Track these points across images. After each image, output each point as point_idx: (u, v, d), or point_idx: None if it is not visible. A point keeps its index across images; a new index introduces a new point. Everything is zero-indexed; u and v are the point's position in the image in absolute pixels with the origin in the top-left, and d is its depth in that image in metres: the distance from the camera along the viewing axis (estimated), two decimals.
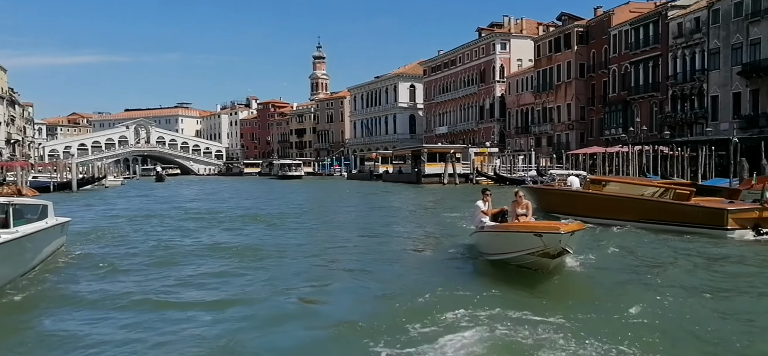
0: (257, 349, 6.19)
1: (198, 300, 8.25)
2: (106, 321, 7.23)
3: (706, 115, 43.10)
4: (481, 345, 5.92)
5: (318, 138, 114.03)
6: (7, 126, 76.60)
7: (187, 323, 7.09)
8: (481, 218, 11.01)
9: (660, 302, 7.53)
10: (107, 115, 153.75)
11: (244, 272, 10.17)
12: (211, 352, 6.04)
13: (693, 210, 14.33)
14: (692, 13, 45.14)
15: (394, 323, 6.66)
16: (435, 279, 9.10)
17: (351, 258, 11.92)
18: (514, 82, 67.47)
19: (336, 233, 16.62)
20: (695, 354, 5.95)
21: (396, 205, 28.12)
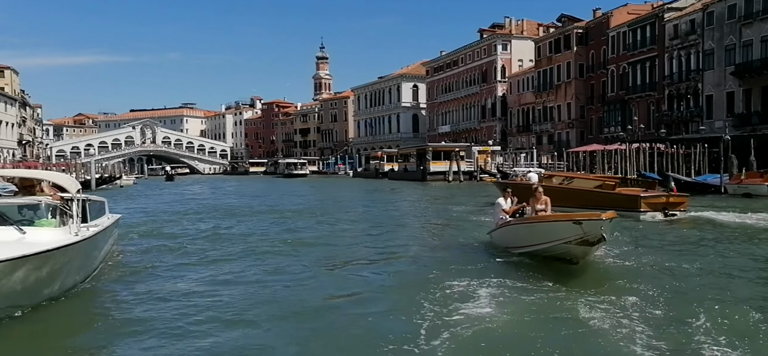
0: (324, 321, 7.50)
1: (265, 299, 8.42)
2: (186, 316, 7.34)
3: (700, 113, 44.72)
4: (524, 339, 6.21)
5: (322, 137, 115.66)
6: (19, 127, 78.24)
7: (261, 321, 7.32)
8: (502, 215, 11.44)
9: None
10: (112, 115, 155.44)
11: (290, 262, 11.02)
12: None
13: (617, 197, 17.98)
14: (687, 15, 46.75)
15: (426, 314, 6.98)
16: (463, 274, 9.28)
17: (382, 249, 12.87)
18: (516, 81, 69.07)
19: (359, 226, 18.27)
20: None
21: (407, 201, 29.70)
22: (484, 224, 16.66)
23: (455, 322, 6.73)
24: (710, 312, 6.95)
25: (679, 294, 8.14)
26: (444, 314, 7.00)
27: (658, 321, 6.77)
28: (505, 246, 11.06)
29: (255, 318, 7.24)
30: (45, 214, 8.20)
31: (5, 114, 71.79)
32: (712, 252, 11.69)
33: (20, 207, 8.20)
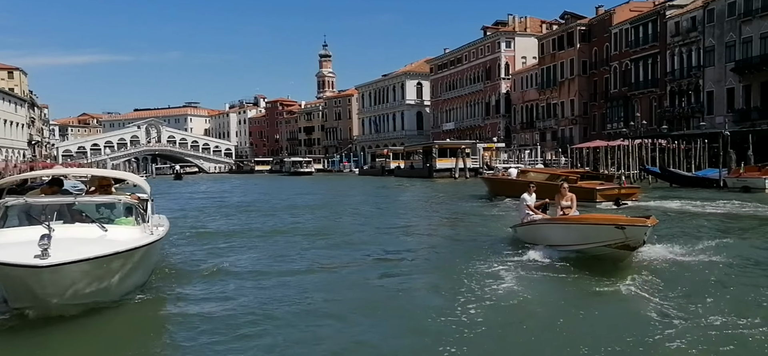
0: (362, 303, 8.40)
1: (301, 269, 9.92)
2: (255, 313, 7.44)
3: (701, 109, 45.60)
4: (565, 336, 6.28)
5: (326, 135, 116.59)
6: (28, 128, 79.32)
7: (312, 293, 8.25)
8: (528, 211, 11.53)
9: None
10: (117, 115, 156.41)
11: (332, 254, 11.60)
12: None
13: (578, 189, 19.42)
14: (689, 12, 47.59)
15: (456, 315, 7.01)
16: (494, 269, 9.39)
17: (411, 243, 13.40)
18: (519, 78, 69.94)
19: (382, 220, 19.21)
20: None
21: (418, 197, 30.65)
22: (499, 218, 17.63)
23: (494, 314, 6.97)
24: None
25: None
26: (485, 311, 7.15)
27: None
28: (533, 242, 10.80)
29: (316, 307, 7.65)
30: (122, 213, 8.39)
31: (15, 115, 72.86)
32: None
33: (98, 206, 8.45)
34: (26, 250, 6.31)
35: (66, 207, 8.01)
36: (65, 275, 6.25)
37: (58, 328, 6.51)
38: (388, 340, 6.34)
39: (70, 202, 8.16)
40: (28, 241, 6.80)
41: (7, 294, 6.98)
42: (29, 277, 6.15)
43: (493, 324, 6.67)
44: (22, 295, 6.53)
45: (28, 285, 6.25)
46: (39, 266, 5.97)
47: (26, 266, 6.03)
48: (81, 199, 8.42)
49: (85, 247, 6.59)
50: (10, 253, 6.34)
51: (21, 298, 6.64)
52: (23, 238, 7.09)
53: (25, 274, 6.12)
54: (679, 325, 6.37)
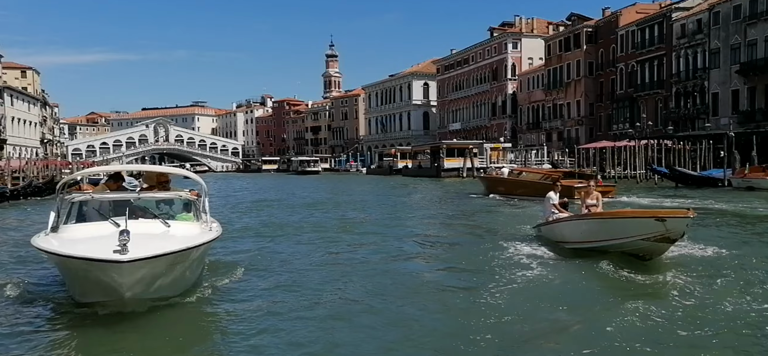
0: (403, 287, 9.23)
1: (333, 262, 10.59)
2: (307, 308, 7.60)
3: (707, 110, 46.25)
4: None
5: (333, 135, 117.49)
6: (40, 126, 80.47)
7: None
8: (554, 210, 11.57)
9: None
10: (124, 114, 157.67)
11: (363, 249, 12.03)
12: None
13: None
14: (694, 15, 48.25)
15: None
16: (523, 268, 9.48)
17: (434, 240, 13.65)
18: (526, 79, 70.64)
19: (399, 213, 20.05)
20: None
21: (431, 196, 31.34)
22: (514, 216, 18.43)
23: (530, 308, 7.10)
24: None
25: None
26: (519, 304, 7.26)
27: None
28: (561, 240, 10.86)
29: (361, 297, 7.98)
30: (181, 209, 8.48)
31: (28, 113, 74.03)
32: None
33: (158, 202, 8.52)
34: (102, 245, 6.34)
35: (128, 203, 8.00)
36: (143, 270, 6.32)
37: (120, 323, 6.52)
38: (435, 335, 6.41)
39: (133, 198, 8.20)
40: (98, 236, 6.96)
41: (77, 288, 7.05)
42: (109, 271, 6.19)
43: (529, 317, 6.79)
44: (96, 290, 6.54)
45: (106, 279, 6.28)
46: (120, 261, 6.04)
47: (108, 261, 6.06)
48: (145, 195, 8.44)
49: (158, 243, 6.69)
50: (86, 248, 6.39)
51: (94, 293, 6.66)
52: (93, 233, 7.16)
53: (106, 268, 6.16)
54: (713, 320, 6.49)
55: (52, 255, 6.71)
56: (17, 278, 9.09)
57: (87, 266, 6.25)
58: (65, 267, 6.80)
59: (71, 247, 6.53)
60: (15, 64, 74.75)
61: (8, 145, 62.40)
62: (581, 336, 6.26)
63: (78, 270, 6.53)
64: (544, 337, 6.27)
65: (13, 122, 67.67)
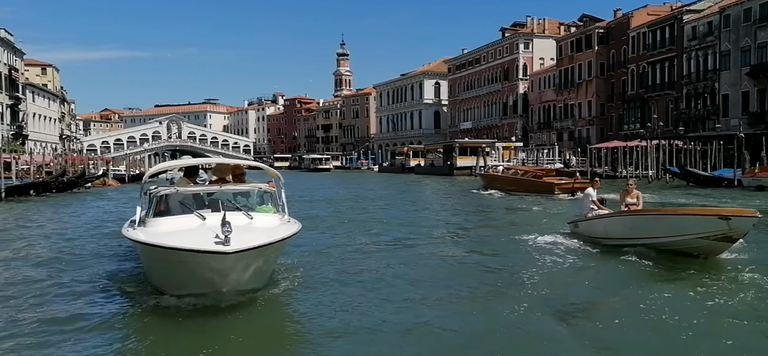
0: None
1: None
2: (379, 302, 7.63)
3: (717, 112, 47.01)
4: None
5: (344, 133, 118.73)
6: (59, 122, 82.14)
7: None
8: (592, 206, 11.52)
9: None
10: (137, 110, 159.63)
11: (416, 247, 12.09)
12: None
13: (543, 183, 26.53)
14: (705, 17, 48.98)
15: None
16: (566, 264, 9.45)
17: (474, 236, 13.88)
18: (537, 79, 71.49)
19: (430, 215, 21.11)
20: None
21: (448, 194, 32.32)
22: (535, 212, 19.40)
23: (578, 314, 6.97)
24: None
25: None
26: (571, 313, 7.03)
27: None
28: (607, 236, 10.72)
29: (431, 290, 8.24)
30: (258, 201, 8.40)
31: (48, 110, 75.69)
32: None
33: (236, 194, 8.39)
34: (200, 237, 6.35)
35: (210, 195, 8.11)
36: (243, 261, 6.33)
37: (204, 315, 6.51)
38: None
39: (216, 191, 8.21)
40: (188, 229, 6.93)
41: (168, 280, 7.00)
42: (213, 263, 6.17)
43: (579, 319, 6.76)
44: (192, 282, 6.53)
45: (208, 271, 6.28)
46: (225, 252, 6.01)
47: (213, 252, 6.03)
48: (226, 187, 8.38)
49: (255, 234, 6.65)
50: (187, 240, 6.36)
51: (188, 285, 6.64)
52: (181, 226, 7.12)
53: (209, 260, 6.13)
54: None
55: (152, 247, 6.64)
56: (92, 271, 9.43)
57: (190, 258, 6.20)
58: (163, 259, 6.67)
59: (170, 239, 6.47)
60: (36, 61, 76.40)
61: (29, 141, 64.02)
62: (639, 330, 6.27)
63: (177, 262, 6.44)
64: (601, 331, 6.27)
65: (34, 118, 69.29)
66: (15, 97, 61.73)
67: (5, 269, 9.65)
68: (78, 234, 14.42)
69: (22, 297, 7.71)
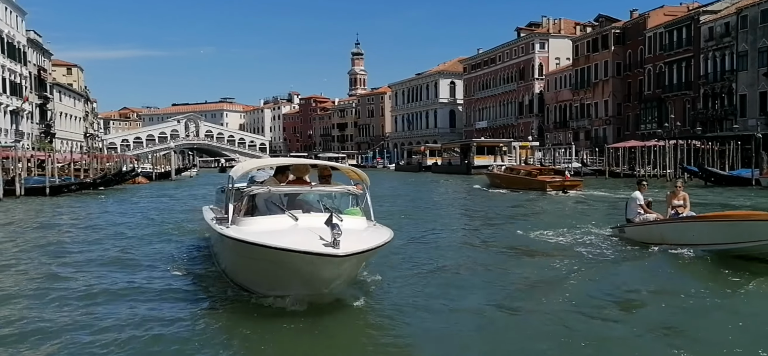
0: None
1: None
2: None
3: (734, 112, 47.40)
4: None
5: (359, 132, 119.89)
6: (84, 121, 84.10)
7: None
8: (640, 210, 11.22)
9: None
10: (155, 109, 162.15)
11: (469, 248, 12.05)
12: None
13: (537, 182, 28.76)
14: (722, 18, 49.36)
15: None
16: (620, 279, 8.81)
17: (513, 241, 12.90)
18: (553, 79, 72.04)
19: (465, 216, 22.05)
20: None
21: (470, 192, 33.17)
22: (544, 210, 20.21)
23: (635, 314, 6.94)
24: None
25: None
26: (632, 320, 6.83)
27: None
28: (661, 241, 10.39)
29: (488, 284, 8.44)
30: (345, 204, 8.15)
31: (74, 109, 77.60)
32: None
33: (322, 196, 8.19)
34: (305, 238, 6.28)
35: (299, 196, 8.03)
36: (349, 264, 6.27)
37: (294, 318, 6.46)
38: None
39: (305, 192, 8.07)
40: (285, 229, 6.86)
41: (263, 282, 6.94)
42: (322, 265, 6.13)
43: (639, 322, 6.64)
44: (292, 283, 6.49)
45: (314, 272, 6.24)
46: (338, 255, 5.97)
47: (326, 255, 5.99)
48: (316, 189, 8.15)
49: (358, 238, 6.56)
50: (288, 240, 6.29)
51: (287, 287, 6.60)
52: (276, 226, 7.02)
53: (320, 262, 6.08)
54: None
55: (256, 246, 6.48)
56: (165, 269, 9.49)
57: (298, 259, 6.13)
58: (264, 259, 6.55)
59: (272, 239, 6.39)
60: (62, 62, 78.34)
61: (57, 139, 65.86)
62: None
63: (280, 263, 6.37)
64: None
65: (61, 117, 71.15)
66: (44, 97, 63.54)
67: (78, 270, 9.52)
68: (138, 233, 14.56)
69: (101, 296, 7.79)
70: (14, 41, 55.00)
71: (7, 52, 52.88)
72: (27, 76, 58.24)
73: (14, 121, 53.95)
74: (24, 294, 7.91)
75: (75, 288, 8.15)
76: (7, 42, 53.06)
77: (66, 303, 7.36)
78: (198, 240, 12.05)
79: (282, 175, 8.44)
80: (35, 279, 8.88)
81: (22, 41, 57.61)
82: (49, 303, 7.33)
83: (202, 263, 9.77)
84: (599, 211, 18.98)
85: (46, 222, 17.36)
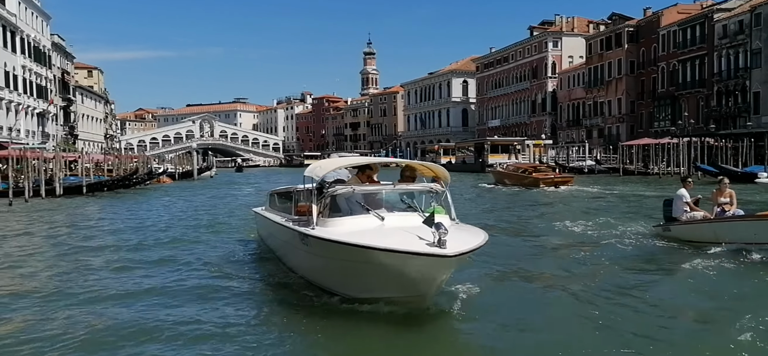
0: None
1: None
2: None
3: (748, 109, 47.78)
4: None
5: (371, 131, 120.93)
6: (104, 122, 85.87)
7: None
8: (686, 208, 11.01)
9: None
10: (170, 110, 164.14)
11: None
12: None
13: (532, 178, 31.04)
14: (736, 16, 49.73)
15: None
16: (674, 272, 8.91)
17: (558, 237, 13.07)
18: (566, 77, 72.54)
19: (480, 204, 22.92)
20: None
21: (492, 191, 34.02)
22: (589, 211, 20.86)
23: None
24: None
25: None
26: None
27: None
28: (713, 240, 10.13)
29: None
30: (427, 202, 7.89)
31: (95, 110, 79.34)
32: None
33: (402, 194, 8.04)
34: (403, 239, 6.16)
35: (381, 195, 7.87)
36: (454, 264, 6.15)
37: (386, 321, 6.36)
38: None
39: (387, 190, 7.90)
40: (375, 229, 6.78)
41: (354, 284, 6.77)
42: (430, 266, 6.01)
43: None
44: (392, 285, 6.33)
45: (418, 274, 6.09)
46: (448, 255, 5.83)
47: (435, 255, 5.85)
48: (399, 187, 7.96)
49: (458, 236, 6.35)
50: (384, 240, 6.19)
51: (384, 289, 6.45)
52: (364, 226, 6.92)
53: (427, 263, 5.96)
54: None
55: (358, 248, 6.34)
56: (231, 271, 9.43)
57: (401, 260, 5.98)
58: (362, 260, 6.38)
59: (370, 239, 6.31)
60: (83, 64, 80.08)
61: (79, 140, 67.52)
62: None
63: (382, 265, 6.18)
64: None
65: (83, 119, 72.85)
66: (67, 99, 65.20)
67: (149, 274, 9.50)
68: (189, 234, 14.38)
69: (181, 296, 7.87)
70: (40, 45, 56.60)
71: (34, 56, 54.44)
72: (52, 79, 59.84)
73: (41, 122, 55.55)
74: (112, 291, 8.19)
75: (153, 286, 8.49)
76: (34, 46, 54.64)
77: (141, 299, 7.70)
78: (251, 241, 12.40)
79: (363, 174, 8.26)
80: (121, 276, 9.25)
81: (47, 45, 59.22)
82: (135, 301, 7.67)
83: (264, 263, 9.75)
84: (617, 207, 19.85)
85: (105, 219, 18.53)
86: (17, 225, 17.45)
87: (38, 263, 10.69)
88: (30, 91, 53.08)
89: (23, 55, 51.62)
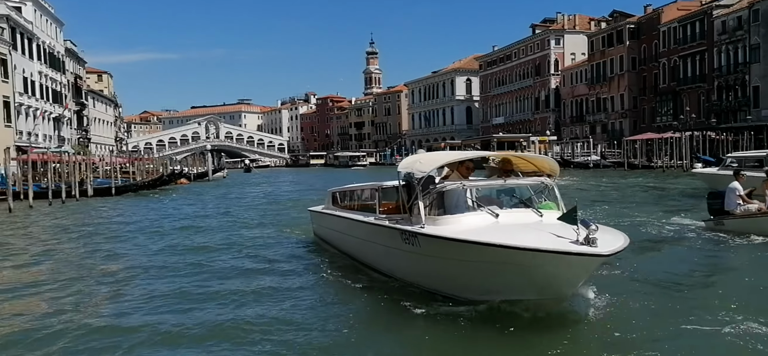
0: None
1: None
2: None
3: (748, 103, 48.97)
4: None
5: (376, 130, 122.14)
6: (113, 125, 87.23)
7: None
8: (739, 201, 10.98)
9: None
10: (175, 112, 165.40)
11: None
12: None
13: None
14: (735, 12, 50.90)
15: None
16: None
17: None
18: (569, 74, 73.73)
19: None
20: None
21: None
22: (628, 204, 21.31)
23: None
24: None
25: None
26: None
27: None
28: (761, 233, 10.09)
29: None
30: (536, 197, 7.53)
31: (105, 114, 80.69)
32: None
33: (509, 189, 7.78)
34: (539, 236, 5.84)
35: (492, 191, 7.69)
36: (601, 263, 5.83)
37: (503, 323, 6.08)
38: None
39: (498, 186, 7.66)
40: (491, 226, 6.52)
41: (479, 286, 6.37)
42: (580, 265, 5.67)
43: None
44: (525, 287, 6.02)
45: (564, 275, 5.77)
46: (603, 254, 5.49)
47: (592, 255, 5.48)
48: (510, 182, 7.67)
49: (606, 236, 5.93)
50: (515, 238, 5.88)
51: (515, 290, 6.13)
52: (482, 223, 6.65)
53: (580, 262, 5.60)
54: None
55: (498, 248, 5.90)
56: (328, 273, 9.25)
57: (546, 260, 5.63)
58: (495, 260, 5.99)
59: (500, 237, 5.99)
60: (93, 69, 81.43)
61: (92, 144, 68.88)
62: None
63: (520, 265, 5.82)
64: None
65: (95, 122, 74.21)
66: (80, 103, 66.54)
67: (227, 277, 9.50)
68: (245, 235, 14.34)
69: (263, 299, 7.86)
70: (54, 51, 57.94)
71: (50, 62, 55.78)
72: (65, 84, 61.18)
73: (56, 127, 56.90)
74: (185, 292, 8.42)
75: (226, 289, 8.48)
76: (49, 52, 55.98)
77: (219, 301, 7.83)
78: (302, 242, 12.63)
79: (462, 167, 7.86)
80: (191, 274, 9.68)
81: (61, 51, 60.55)
82: (215, 300, 7.89)
83: (343, 268, 9.45)
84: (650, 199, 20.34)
85: (147, 218, 19.70)
86: (84, 221, 18.56)
87: (131, 252, 11.93)
88: (46, 96, 54.43)
89: (40, 61, 52.95)
